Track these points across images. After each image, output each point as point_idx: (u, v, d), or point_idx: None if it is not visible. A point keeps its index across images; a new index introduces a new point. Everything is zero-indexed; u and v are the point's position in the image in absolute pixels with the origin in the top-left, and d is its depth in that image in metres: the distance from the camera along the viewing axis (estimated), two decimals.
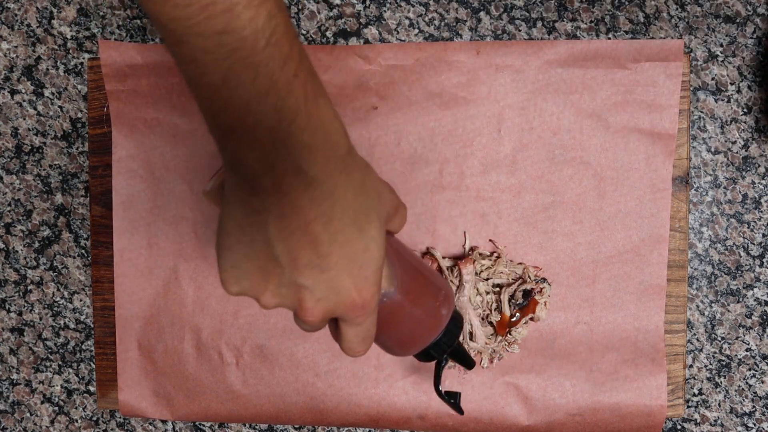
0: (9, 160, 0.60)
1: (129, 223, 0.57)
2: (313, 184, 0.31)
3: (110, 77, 0.56)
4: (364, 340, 0.37)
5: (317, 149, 0.30)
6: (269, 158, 0.30)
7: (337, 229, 0.32)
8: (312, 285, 0.33)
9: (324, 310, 0.34)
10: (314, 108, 0.30)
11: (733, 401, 0.57)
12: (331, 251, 0.32)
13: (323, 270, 0.32)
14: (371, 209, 0.34)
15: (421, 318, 0.40)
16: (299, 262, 0.32)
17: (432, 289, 0.40)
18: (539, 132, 0.54)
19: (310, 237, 0.32)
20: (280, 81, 0.28)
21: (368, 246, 0.33)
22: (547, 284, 0.54)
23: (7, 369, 0.61)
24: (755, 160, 0.56)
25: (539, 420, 0.55)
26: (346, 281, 0.33)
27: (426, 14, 0.56)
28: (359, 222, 0.33)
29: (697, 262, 0.56)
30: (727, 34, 0.55)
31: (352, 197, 0.32)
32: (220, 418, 0.58)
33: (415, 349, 0.41)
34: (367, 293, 0.34)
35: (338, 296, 0.33)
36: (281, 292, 0.34)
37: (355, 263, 0.33)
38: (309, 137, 0.30)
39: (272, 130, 0.29)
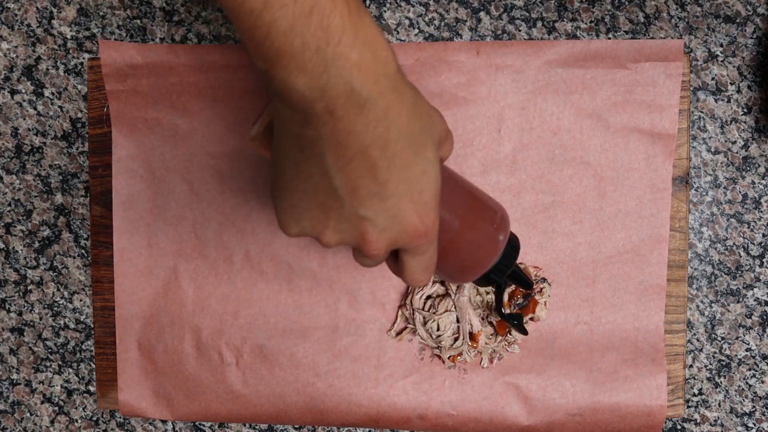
0: (9, 160, 0.60)
1: (129, 223, 0.57)
2: (367, 104, 0.30)
3: (110, 77, 0.56)
4: (426, 269, 0.36)
5: (368, 67, 0.29)
6: (320, 81, 0.29)
7: (394, 153, 0.31)
8: (374, 215, 0.32)
9: (388, 240, 0.33)
10: (360, 24, 0.29)
11: (733, 401, 0.57)
12: (390, 177, 0.31)
13: (384, 198, 0.32)
14: (425, 132, 0.33)
15: (480, 242, 0.40)
16: (359, 192, 0.31)
17: (488, 213, 0.40)
18: (539, 132, 0.54)
19: (368, 163, 0.31)
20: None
21: (426, 169, 0.33)
22: (547, 284, 0.54)
23: (7, 369, 0.61)
24: (755, 160, 0.56)
25: (539, 420, 0.55)
26: (407, 208, 0.32)
27: (426, 14, 0.56)
28: (415, 145, 0.32)
29: (697, 262, 0.56)
30: (727, 34, 0.55)
31: (405, 119, 0.31)
32: (220, 418, 0.58)
33: (475, 274, 0.41)
34: (429, 219, 0.33)
35: (401, 225, 0.33)
36: (342, 227, 0.33)
37: (415, 188, 0.32)
38: (358, 55, 0.29)
39: (320, 51, 0.28)
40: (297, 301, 0.57)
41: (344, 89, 0.29)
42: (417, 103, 0.33)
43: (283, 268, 0.56)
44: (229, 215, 0.57)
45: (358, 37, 0.29)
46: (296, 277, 0.56)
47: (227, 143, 0.56)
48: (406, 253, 0.35)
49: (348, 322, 0.56)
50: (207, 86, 0.56)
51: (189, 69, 0.56)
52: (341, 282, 0.56)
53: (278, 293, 0.57)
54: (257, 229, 0.57)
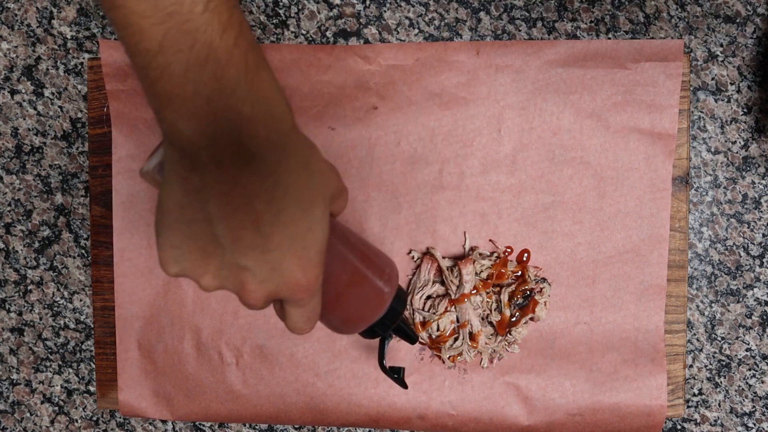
0: (9, 160, 0.60)
1: (129, 223, 0.57)
2: (255, 159, 0.30)
3: (110, 77, 0.56)
4: (309, 320, 0.36)
5: (259, 122, 0.29)
6: (209, 130, 0.29)
7: (280, 208, 0.31)
8: (254, 266, 0.32)
9: (267, 291, 0.33)
10: (256, 79, 0.29)
11: (733, 401, 0.57)
12: (274, 231, 0.31)
13: (266, 251, 0.32)
14: (315, 190, 0.33)
15: (366, 297, 0.40)
16: (241, 243, 0.31)
17: (376, 270, 0.41)
18: (539, 132, 0.54)
19: (252, 216, 0.31)
20: (219, 49, 0.28)
21: (312, 226, 0.32)
22: (547, 284, 0.54)
23: (7, 369, 0.61)
24: (755, 160, 0.56)
25: (539, 420, 0.55)
26: (290, 262, 0.32)
27: (426, 14, 0.56)
28: (303, 202, 0.32)
29: (697, 262, 0.56)
30: (727, 34, 0.55)
31: (295, 176, 0.31)
32: (220, 418, 0.58)
33: (359, 327, 0.42)
34: (311, 274, 0.33)
35: (282, 278, 0.33)
36: (222, 274, 0.33)
37: (299, 244, 0.32)
38: (250, 109, 0.29)
39: (211, 100, 0.28)
40: None
41: (232, 141, 0.29)
42: (309, 161, 0.33)
43: None
44: None
45: (252, 92, 0.29)
46: None
47: None
48: (288, 304, 0.35)
49: None
50: None
51: None
52: None
53: None
54: None
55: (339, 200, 0.37)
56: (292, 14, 0.57)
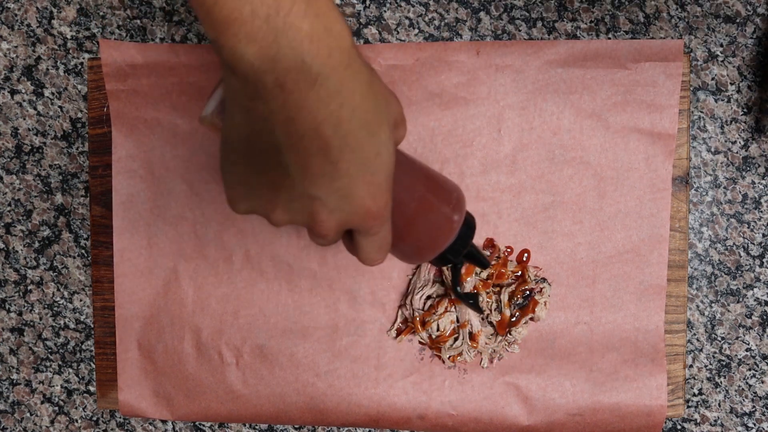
0: (9, 160, 0.60)
1: (129, 223, 0.57)
2: (319, 79, 0.29)
3: (110, 77, 0.56)
4: (380, 249, 0.36)
5: (320, 39, 0.29)
6: (270, 52, 0.28)
7: (347, 131, 0.30)
8: (325, 195, 0.31)
9: (338, 221, 0.33)
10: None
11: (733, 401, 0.57)
12: (342, 157, 0.31)
13: (335, 178, 0.31)
14: (380, 113, 0.32)
15: (436, 223, 0.40)
16: (310, 171, 0.31)
17: (444, 194, 0.40)
18: (539, 132, 0.54)
19: (319, 141, 0.30)
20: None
21: (380, 151, 0.32)
22: (547, 284, 0.54)
23: (7, 369, 0.61)
24: (755, 160, 0.56)
25: (539, 420, 0.55)
26: (359, 189, 0.32)
27: (426, 14, 0.56)
28: (369, 125, 0.31)
29: (697, 262, 0.56)
30: (727, 34, 0.55)
31: (360, 98, 0.30)
32: (220, 418, 0.58)
33: (431, 254, 0.41)
34: (381, 200, 0.33)
35: (352, 206, 0.32)
36: (292, 207, 0.32)
37: (368, 169, 0.31)
38: (309, 26, 0.28)
39: (270, 19, 0.27)
40: (297, 301, 0.57)
41: (295, 61, 0.28)
42: (372, 82, 0.32)
43: (283, 268, 0.56)
44: (229, 215, 0.57)
45: (310, 8, 0.28)
46: (296, 277, 0.56)
47: None
48: (359, 234, 0.35)
49: (348, 322, 0.56)
50: (207, 86, 0.56)
51: (189, 69, 0.56)
52: (341, 282, 0.56)
53: (278, 293, 0.57)
54: (257, 229, 0.57)
55: (400, 127, 0.36)
56: None
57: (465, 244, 0.42)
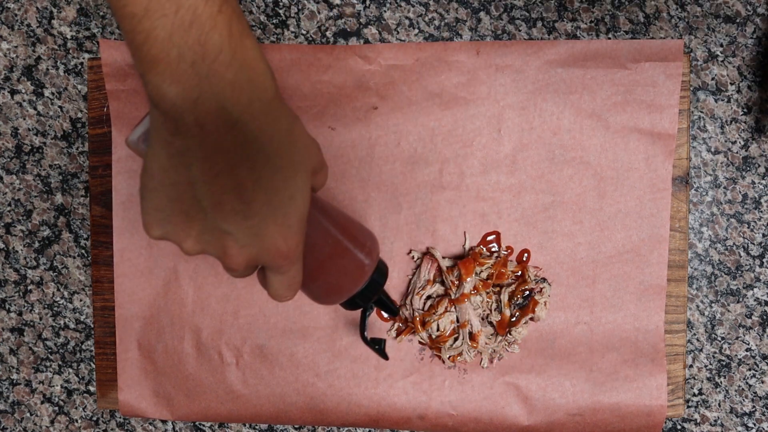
0: (9, 160, 0.60)
1: (129, 223, 0.57)
2: (238, 125, 0.31)
3: (110, 76, 0.56)
4: (290, 287, 0.37)
5: (242, 88, 0.30)
6: (192, 94, 0.29)
7: (262, 175, 0.32)
8: (236, 231, 0.33)
9: (248, 257, 0.34)
10: (239, 46, 0.30)
11: (733, 401, 0.57)
12: (256, 197, 0.32)
13: (247, 216, 0.32)
14: (297, 159, 0.34)
15: (347, 268, 0.41)
16: (223, 207, 0.32)
17: (357, 241, 0.42)
18: (539, 132, 0.54)
19: (234, 181, 0.31)
20: (204, 15, 0.29)
21: (293, 195, 0.33)
22: (547, 284, 0.54)
23: (7, 369, 0.61)
24: (755, 160, 0.56)
25: (539, 420, 0.55)
26: (270, 229, 0.33)
27: (426, 14, 0.56)
28: (285, 170, 0.33)
29: (697, 262, 0.56)
30: (727, 34, 0.55)
31: (277, 144, 0.32)
32: (220, 418, 0.58)
33: (340, 297, 0.43)
34: (292, 241, 0.34)
35: (263, 244, 0.33)
36: (204, 239, 0.34)
37: (280, 211, 0.33)
38: (233, 75, 0.30)
39: (195, 65, 0.29)
40: (297, 301, 0.57)
41: (215, 106, 0.30)
42: (292, 130, 0.33)
43: None
44: None
45: (235, 58, 0.30)
46: None
47: None
48: (269, 270, 0.36)
49: (348, 322, 0.56)
50: None
51: None
52: None
53: None
54: None
55: (320, 174, 0.37)
56: (292, 14, 0.57)
57: (375, 291, 0.44)
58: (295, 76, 0.55)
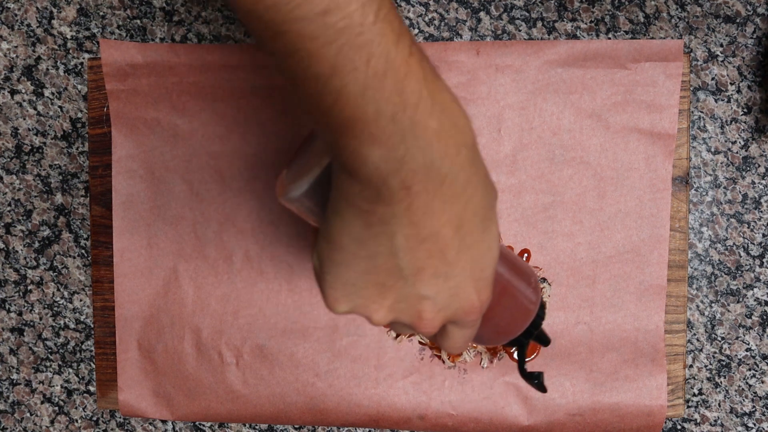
0: (9, 160, 0.60)
1: (129, 223, 0.57)
2: (447, 180, 0.27)
3: (111, 76, 0.56)
4: (469, 339, 0.35)
5: (448, 137, 0.27)
6: (397, 153, 0.26)
7: (466, 232, 0.29)
8: (435, 295, 0.30)
9: (444, 318, 0.31)
10: (436, 89, 0.27)
11: (733, 401, 0.57)
12: (460, 257, 0.29)
13: (449, 278, 0.30)
14: (492, 206, 0.30)
15: (515, 308, 0.39)
16: (425, 273, 0.29)
17: (524, 279, 0.40)
18: (539, 132, 0.54)
19: (440, 244, 0.28)
20: (397, 60, 0.25)
21: (491, 246, 0.30)
22: (547, 284, 0.54)
23: (7, 369, 0.61)
24: (755, 160, 0.56)
25: (539, 420, 0.55)
26: (468, 286, 0.30)
27: (426, 14, 0.56)
28: (485, 221, 0.30)
29: (697, 262, 0.56)
30: (727, 34, 0.55)
31: (481, 194, 0.29)
32: (220, 418, 0.58)
33: (508, 337, 0.40)
34: (485, 294, 0.32)
35: (460, 303, 0.31)
36: (399, 307, 0.31)
37: (478, 265, 0.30)
38: (437, 123, 0.26)
39: (396, 119, 0.25)
40: (297, 301, 0.57)
41: (423, 162, 0.26)
42: (488, 174, 0.30)
43: (283, 268, 0.56)
44: (229, 215, 0.57)
45: (436, 104, 0.26)
46: (296, 277, 0.56)
47: (227, 143, 0.56)
48: (454, 325, 0.33)
49: (348, 322, 0.56)
50: (207, 86, 0.56)
51: (189, 69, 0.56)
52: None
53: (278, 293, 0.57)
54: (257, 229, 0.57)
55: None
56: None
57: (538, 326, 0.42)
58: None
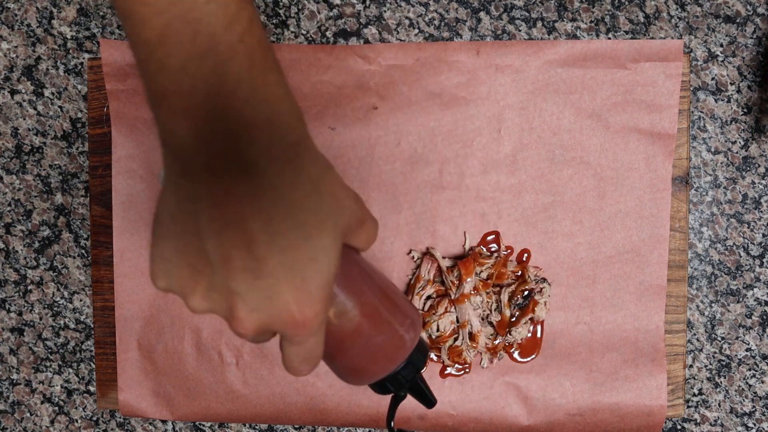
0: (9, 160, 0.60)
1: (129, 223, 0.57)
2: (252, 170, 0.27)
3: (111, 76, 0.56)
4: (305, 360, 0.33)
5: (260, 129, 0.27)
6: (204, 131, 0.26)
7: (278, 230, 0.28)
8: (245, 292, 0.29)
9: (258, 322, 0.30)
10: (261, 81, 0.27)
11: (733, 401, 0.57)
12: (269, 256, 0.28)
13: (258, 276, 0.28)
14: (325, 215, 0.29)
15: (380, 346, 0.35)
16: (232, 264, 0.28)
17: (397, 313, 0.36)
18: (539, 132, 0.54)
19: (245, 235, 0.28)
20: (222, 43, 0.26)
21: (316, 256, 0.29)
22: (547, 284, 0.54)
23: (7, 369, 0.61)
24: (755, 160, 0.56)
25: (539, 420, 0.55)
26: (284, 293, 0.29)
27: (426, 14, 0.56)
28: (307, 227, 0.28)
29: (697, 262, 0.56)
30: (727, 34, 0.55)
31: (300, 195, 0.28)
32: (220, 418, 0.58)
33: (368, 379, 0.37)
34: (310, 310, 0.29)
35: (274, 309, 0.29)
36: (212, 296, 0.30)
37: (298, 274, 0.29)
38: (251, 112, 0.27)
39: (209, 98, 0.26)
40: None
41: (228, 146, 0.27)
42: (321, 181, 0.29)
43: None
44: None
45: (256, 94, 0.27)
46: None
47: None
48: (283, 339, 0.32)
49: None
50: None
51: None
52: None
53: None
54: None
55: (361, 233, 0.33)
56: (292, 14, 0.57)
57: (411, 375, 0.38)
58: (295, 76, 0.55)
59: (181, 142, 0.27)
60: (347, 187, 0.32)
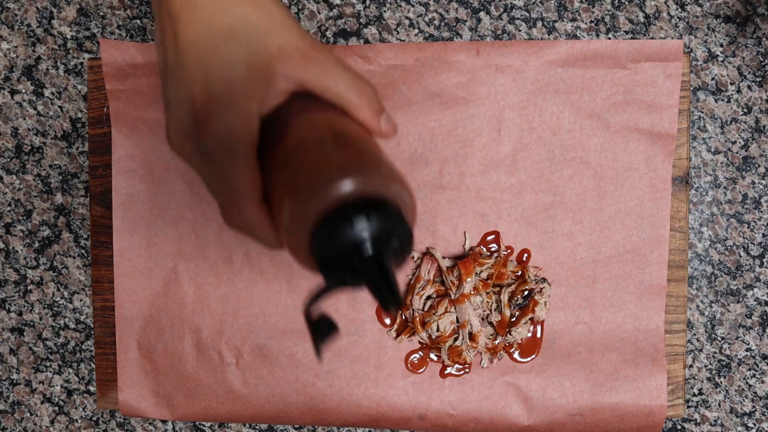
0: (9, 160, 0.60)
1: (129, 223, 0.57)
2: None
3: (111, 76, 0.56)
4: (232, 174, 0.33)
5: None
6: None
7: (196, 21, 0.32)
8: (174, 93, 0.34)
9: (177, 127, 0.34)
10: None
11: (733, 401, 0.57)
12: (188, 49, 0.32)
13: (176, 71, 0.33)
14: (257, 31, 0.33)
15: (318, 169, 0.29)
16: (164, 43, 0.33)
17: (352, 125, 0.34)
18: (539, 132, 0.54)
19: (168, 11, 0.32)
20: None
21: (230, 60, 0.32)
22: (547, 284, 0.54)
23: (7, 369, 0.61)
24: (755, 160, 0.56)
25: (539, 420, 0.55)
26: (194, 86, 0.33)
27: (426, 14, 0.56)
28: (230, 34, 0.32)
29: (697, 262, 0.56)
30: (727, 34, 0.55)
31: (223, 5, 0.33)
32: (220, 418, 0.58)
33: (302, 207, 0.29)
34: (213, 105, 0.32)
35: (185, 99, 0.33)
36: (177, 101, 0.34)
37: (209, 72, 0.32)
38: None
39: None
40: (297, 301, 0.57)
41: None
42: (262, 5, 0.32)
43: (283, 268, 0.56)
44: None
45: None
46: (296, 277, 0.56)
47: None
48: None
49: (348, 322, 0.56)
50: None
51: None
52: None
53: (278, 293, 0.57)
54: None
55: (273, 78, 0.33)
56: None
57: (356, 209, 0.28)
58: None
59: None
60: (314, 40, 0.34)
